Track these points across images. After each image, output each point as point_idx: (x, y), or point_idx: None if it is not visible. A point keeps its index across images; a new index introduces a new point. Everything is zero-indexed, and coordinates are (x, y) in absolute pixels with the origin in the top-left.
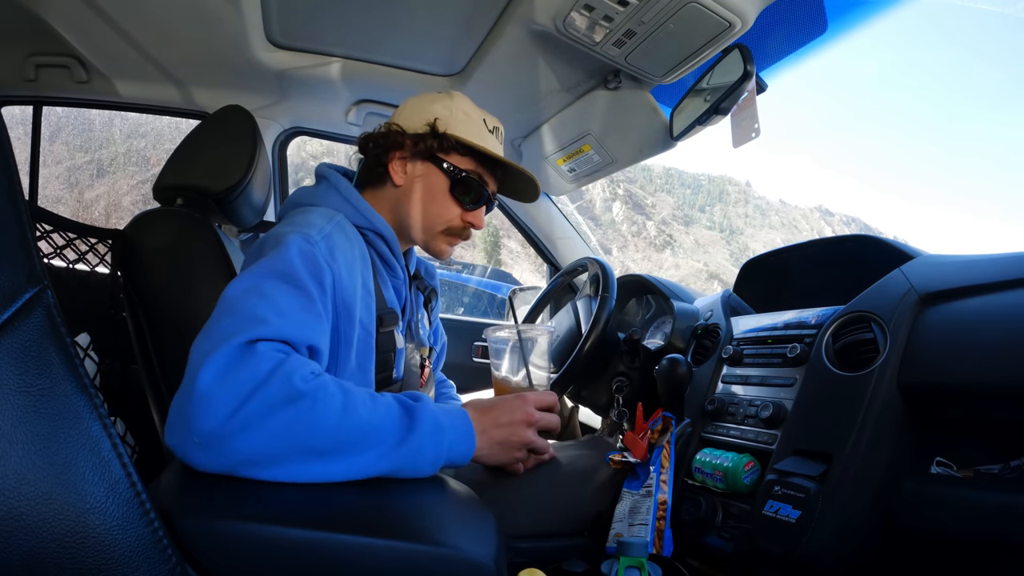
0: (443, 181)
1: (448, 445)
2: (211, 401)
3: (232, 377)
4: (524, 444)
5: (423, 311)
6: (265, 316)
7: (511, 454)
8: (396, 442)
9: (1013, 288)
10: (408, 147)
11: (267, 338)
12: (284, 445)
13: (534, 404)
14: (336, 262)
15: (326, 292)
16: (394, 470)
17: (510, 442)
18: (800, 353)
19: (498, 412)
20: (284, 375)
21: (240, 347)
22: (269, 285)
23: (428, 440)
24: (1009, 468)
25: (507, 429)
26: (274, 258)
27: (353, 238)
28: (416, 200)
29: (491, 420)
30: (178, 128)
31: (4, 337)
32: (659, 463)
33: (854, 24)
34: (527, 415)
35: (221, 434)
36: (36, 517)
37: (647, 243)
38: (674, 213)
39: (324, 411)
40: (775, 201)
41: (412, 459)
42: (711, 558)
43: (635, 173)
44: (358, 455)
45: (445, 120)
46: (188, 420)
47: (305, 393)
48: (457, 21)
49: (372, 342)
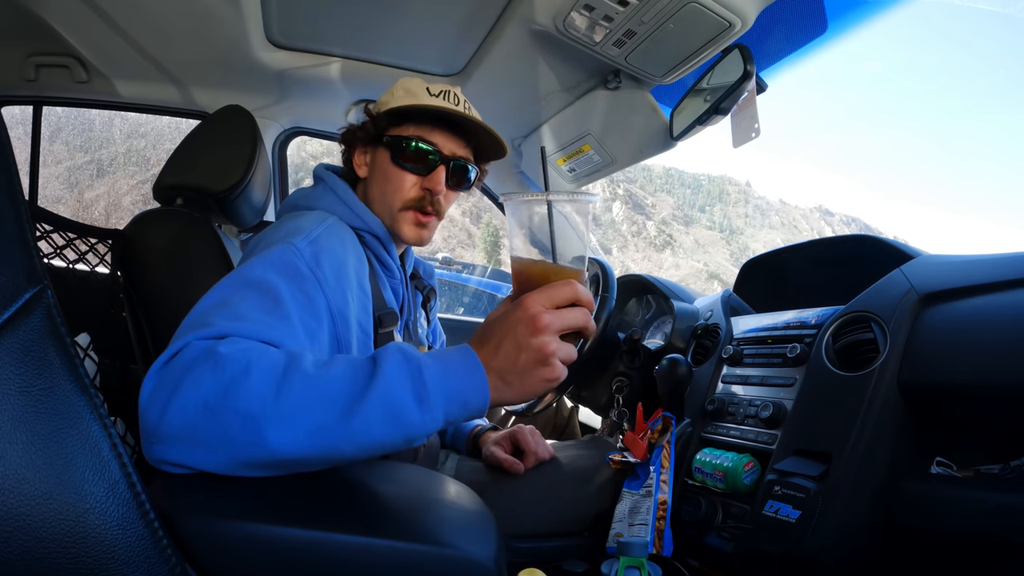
0: (386, 155)
1: (439, 381)
2: (149, 405)
3: (164, 377)
4: (542, 358)
5: (421, 311)
6: (213, 321)
7: (534, 377)
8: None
9: (1013, 288)
10: (360, 139)
11: (202, 337)
12: (228, 418)
13: (542, 303)
14: (321, 268)
15: (311, 300)
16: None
17: (528, 364)
18: (800, 353)
19: (497, 335)
20: (208, 350)
21: (174, 352)
22: (233, 295)
23: (398, 378)
24: (1009, 468)
25: (514, 351)
26: (245, 268)
27: (347, 240)
28: (374, 184)
29: (492, 348)
30: (178, 128)
31: (4, 337)
32: (659, 463)
33: (854, 24)
34: (532, 321)
35: (161, 426)
36: (36, 517)
37: (647, 243)
38: (674, 213)
39: (260, 372)
40: (775, 201)
41: (385, 405)
42: (711, 558)
43: (635, 173)
44: (312, 415)
45: (384, 103)
46: (142, 430)
47: (235, 358)
48: (457, 21)
49: (371, 343)
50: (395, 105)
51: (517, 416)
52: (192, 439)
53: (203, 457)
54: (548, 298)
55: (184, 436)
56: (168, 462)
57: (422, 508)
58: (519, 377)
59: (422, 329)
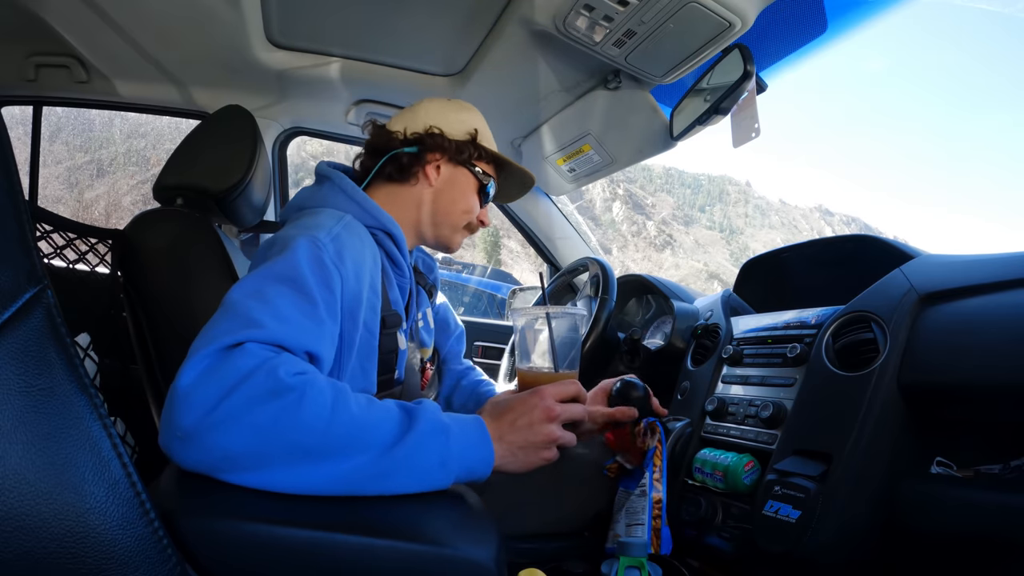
0: (473, 183)
1: (459, 450)
2: (192, 396)
3: (215, 374)
4: (549, 442)
5: (425, 308)
6: (261, 320)
7: (538, 455)
8: (393, 440)
9: (1013, 288)
10: (451, 151)
11: (258, 340)
12: (268, 442)
13: (554, 396)
14: (344, 264)
15: (334, 296)
16: (395, 476)
17: (533, 443)
18: (800, 353)
19: (515, 413)
20: (269, 370)
21: (228, 347)
22: (272, 289)
23: (430, 440)
24: (1009, 468)
25: (527, 430)
26: (280, 261)
27: (364, 238)
28: (448, 199)
29: (508, 424)
30: (178, 128)
31: (4, 337)
32: (651, 463)
33: (854, 24)
34: (547, 411)
35: (201, 428)
36: (36, 517)
37: (647, 243)
38: (674, 213)
39: (312, 406)
40: (775, 201)
41: (414, 461)
42: (711, 558)
43: (635, 173)
44: (351, 456)
45: (483, 133)
46: (171, 417)
47: (292, 387)
48: (457, 21)
49: (375, 343)
50: (492, 147)
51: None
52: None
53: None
54: (559, 392)
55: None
56: (188, 461)
57: (422, 508)
58: (524, 452)
59: (425, 330)
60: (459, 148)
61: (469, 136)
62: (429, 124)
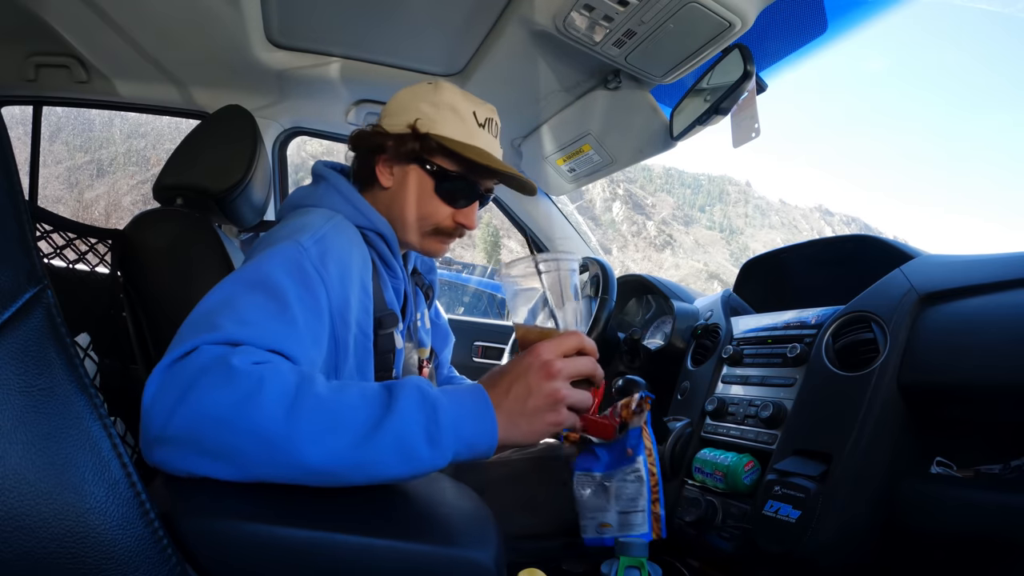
0: (429, 182)
1: (451, 423)
2: (153, 408)
3: (171, 381)
4: (553, 403)
5: (423, 309)
6: (219, 324)
7: (543, 421)
8: (370, 421)
9: (1013, 288)
10: (391, 149)
11: (212, 342)
12: (234, 433)
13: (553, 352)
14: (326, 267)
15: (316, 298)
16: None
17: (536, 407)
18: (800, 353)
19: (510, 377)
20: (222, 362)
21: (182, 356)
22: (239, 296)
23: (414, 415)
24: (1009, 468)
25: (525, 394)
26: (250, 267)
27: (353, 239)
28: (404, 202)
29: (503, 391)
30: (178, 128)
31: (4, 337)
32: (642, 444)
33: (854, 24)
34: (544, 367)
35: (167, 433)
36: (36, 517)
37: (647, 243)
38: (674, 213)
39: (272, 392)
40: (775, 201)
41: (397, 440)
42: (711, 558)
43: (635, 173)
44: (323, 440)
45: (430, 118)
46: (142, 432)
47: (248, 374)
48: (457, 21)
49: (370, 344)
50: (447, 135)
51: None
52: (198, 447)
53: (208, 466)
54: (557, 346)
55: (189, 443)
56: (169, 466)
57: (422, 508)
58: (527, 420)
59: (423, 330)
60: (397, 143)
61: (408, 128)
62: (381, 119)
